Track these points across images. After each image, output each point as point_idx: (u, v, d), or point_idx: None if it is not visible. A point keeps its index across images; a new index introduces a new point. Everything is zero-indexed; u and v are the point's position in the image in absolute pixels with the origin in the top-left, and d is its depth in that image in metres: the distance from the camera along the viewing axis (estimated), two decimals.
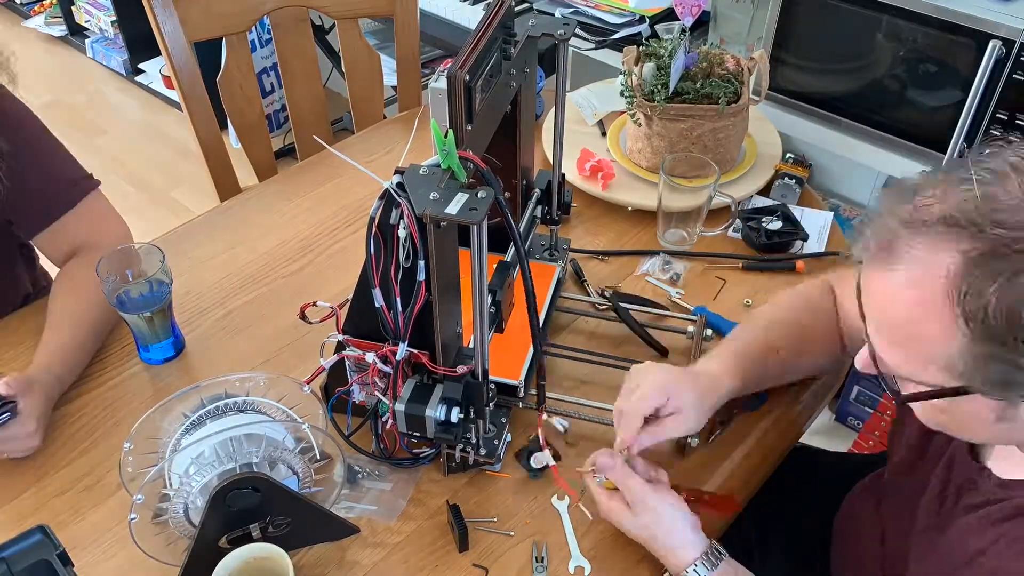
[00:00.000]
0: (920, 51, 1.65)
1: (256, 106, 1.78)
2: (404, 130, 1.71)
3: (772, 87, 1.82)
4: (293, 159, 1.86)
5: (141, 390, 1.18)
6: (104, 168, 3.18)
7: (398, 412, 0.94)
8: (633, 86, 1.44)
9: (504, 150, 1.11)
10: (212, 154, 1.72)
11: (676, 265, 1.36)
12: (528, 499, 1.05)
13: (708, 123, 1.41)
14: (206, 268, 1.37)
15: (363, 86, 1.84)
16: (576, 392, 1.16)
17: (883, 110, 1.76)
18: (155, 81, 3.59)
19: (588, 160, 1.48)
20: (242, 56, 1.70)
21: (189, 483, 0.93)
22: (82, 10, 3.80)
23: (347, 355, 1.00)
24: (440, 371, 0.95)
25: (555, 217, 1.26)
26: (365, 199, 1.50)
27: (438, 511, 1.03)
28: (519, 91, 1.08)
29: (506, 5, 0.97)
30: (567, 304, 1.29)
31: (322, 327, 1.03)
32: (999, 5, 1.57)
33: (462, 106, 0.87)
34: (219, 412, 1.02)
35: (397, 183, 0.86)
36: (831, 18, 1.74)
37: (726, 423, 1.10)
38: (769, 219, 1.40)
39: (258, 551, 0.91)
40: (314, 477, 1.00)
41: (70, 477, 1.07)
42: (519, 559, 0.99)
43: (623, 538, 0.99)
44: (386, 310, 0.93)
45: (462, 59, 0.87)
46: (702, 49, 1.47)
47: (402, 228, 0.87)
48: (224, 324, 1.28)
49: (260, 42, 2.96)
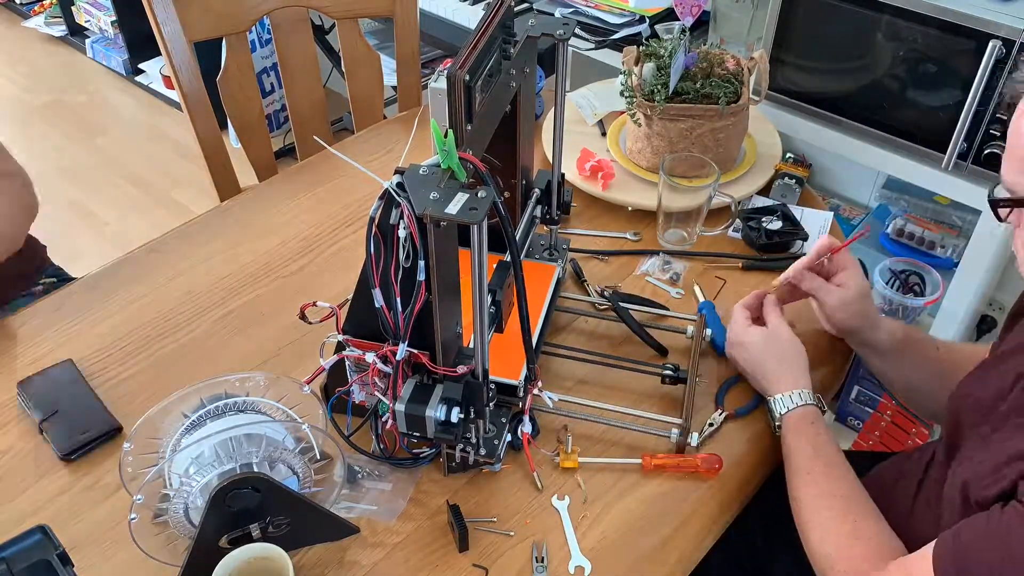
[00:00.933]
0: (920, 51, 1.65)
1: (256, 106, 1.78)
2: (404, 130, 1.71)
3: (772, 87, 1.82)
4: (293, 159, 1.86)
5: (141, 390, 1.18)
6: (104, 168, 3.20)
7: (398, 412, 0.94)
8: (633, 86, 1.44)
9: (504, 150, 1.11)
10: (212, 154, 1.72)
11: (676, 265, 1.36)
12: (528, 499, 1.05)
13: (708, 123, 1.41)
14: (206, 268, 1.37)
15: (363, 86, 1.84)
16: (576, 392, 1.16)
17: (883, 110, 1.76)
18: (155, 81, 3.59)
19: (588, 160, 1.48)
20: (242, 56, 1.70)
21: (189, 483, 0.93)
22: (82, 10, 3.80)
23: (347, 355, 1.00)
24: (440, 371, 0.95)
25: (555, 217, 1.26)
26: (365, 199, 1.50)
27: (438, 511, 1.03)
28: (519, 91, 1.08)
29: (506, 5, 0.97)
30: (567, 304, 1.29)
31: (322, 327, 1.03)
32: (999, 5, 1.56)
33: (462, 106, 0.87)
34: (219, 412, 1.02)
35: (397, 183, 0.86)
36: (831, 18, 1.73)
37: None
38: (769, 219, 1.41)
39: (258, 551, 0.91)
40: (314, 477, 1.00)
41: (70, 477, 1.07)
42: (519, 559, 0.99)
43: (623, 538, 1.00)
44: (386, 310, 0.93)
45: (462, 59, 0.87)
46: (702, 49, 1.47)
47: (402, 228, 0.87)
48: (224, 324, 1.28)
49: (260, 42, 2.96)
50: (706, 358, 1.22)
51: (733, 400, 1.16)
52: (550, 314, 1.23)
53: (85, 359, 1.22)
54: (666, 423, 1.11)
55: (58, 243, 1.85)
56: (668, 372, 1.14)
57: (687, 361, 1.18)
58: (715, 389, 1.17)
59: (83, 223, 2.92)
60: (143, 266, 1.38)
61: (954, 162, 1.69)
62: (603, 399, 1.13)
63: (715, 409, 1.14)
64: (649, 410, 1.13)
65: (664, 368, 1.15)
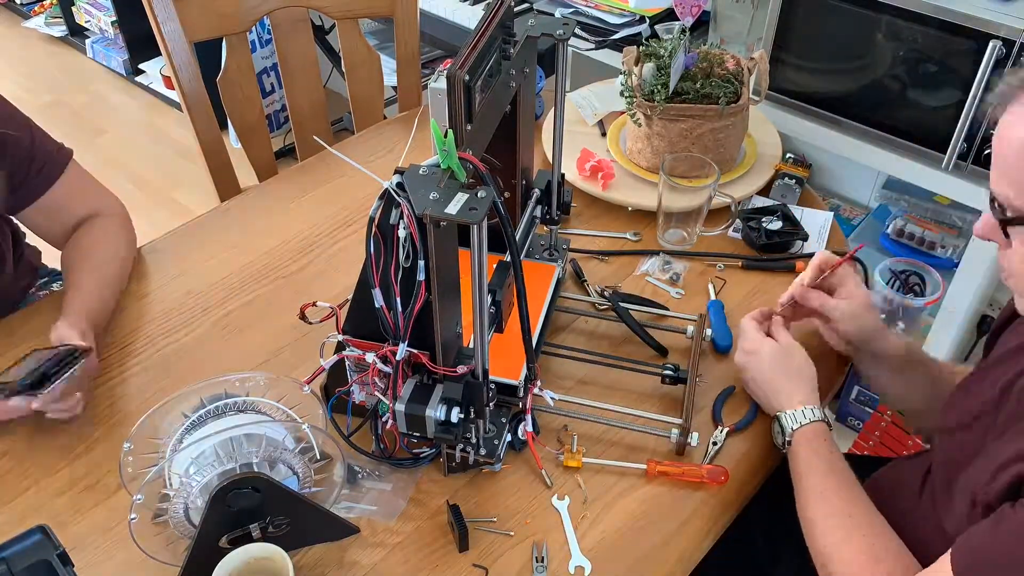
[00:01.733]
0: (920, 51, 1.65)
1: (256, 106, 1.78)
2: (404, 130, 1.71)
3: (772, 87, 1.82)
4: (293, 159, 1.86)
5: (141, 390, 1.18)
6: (104, 168, 3.19)
7: (398, 412, 0.94)
8: (633, 86, 1.44)
9: (504, 150, 1.11)
10: (212, 154, 1.72)
11: (676, 265, 1.36)
12: (528, 499, 1.05)
13: (708, 123, 1.41)
14: (206, 268, 1.37)
15: (363, 86, 1.84)
16: (576, 392, 1.16)
17: (883, 110, 1.76)
18: (155, 81, 3.59)
19: (588, 160, 1.48)
20: (242, 56, 1.70)
21: (189, 483, 0.93)
22: (82, 10, 3.79)
23: (347, 355, 1.00)
24: (440, 371, 0.95)
25: (555, 217, 1.26)
26: (365, 199, 1.50)
27: (438, 511, 1.03)
28: (519, 91, 1.08)
29: (506, 5, 0.97)
30: (567, 304, 1.29)
31: (322, 327, 1.03)
32: (999, 5, 1.56)
33: (462, 106, 0.87)
34: (219, 412, 1.02)
35: (397, 183, 0.86)
36: (831, 18, 1.73)
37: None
38: (769, 219, 1.40)
39: (258, 551, 0.91)
40: (314, 477, 1.00)
41: (70, 477, 1.07)
42: (519, 559, 0.99)
43: (623, 538, 1.00)
44: (386, 310, 0.93)
45: (462, 59, 0.87)
46: (702, 49, 1.47)
47: (402, 228, 0.87)
48: (224, 324, 1.28)
49: (260, 42, 2.96)
50: (706, 358, 1.22)
51: (730, 412, 1.15)
52: (550, 314, 1.23)
53: None
54: (666, 423, 1.11)
55: None
56: (668, 372, 1.14)
57: (687, 361, 1.18)
58: (711, 402, 1.16)
59: None
60: (143, 266, 1.38)
61: (954, 162, 1.69)
62: (603, 399, 1.13)
63: (715, 426, 1.13)
64: (649, 410, 1.13)
65: (664, 368, 1.15)
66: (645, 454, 1.09)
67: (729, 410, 1.15)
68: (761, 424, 1.13)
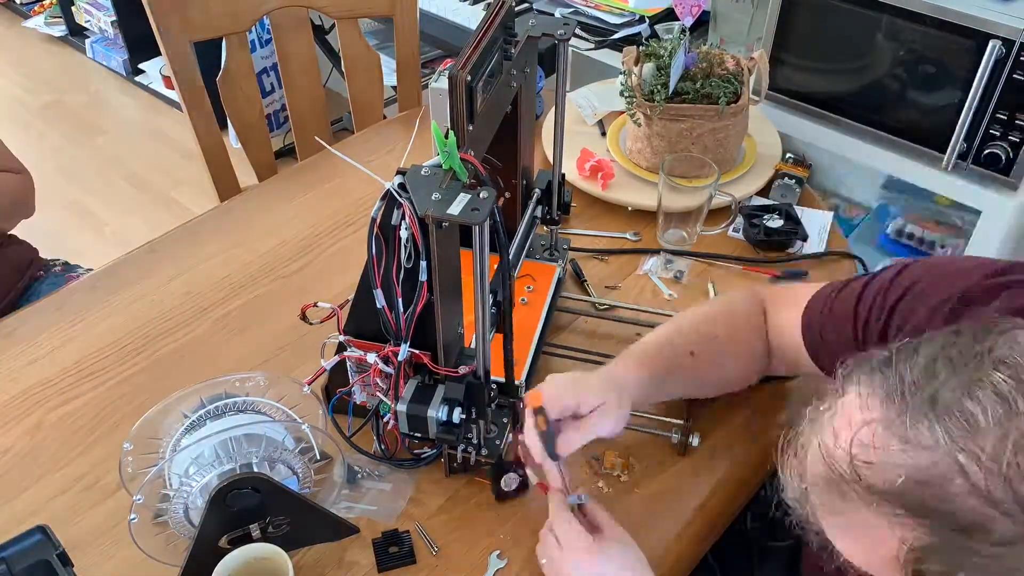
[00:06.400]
0: (920, 51, 1.65)
1: (256, 106, 1.78)
2: (404, 130, 1.71)
3: (772, 87, 1.82)
4: (293, 159, 1.86)
5: (141, 390, 1.18)
6: (104, 168, 3.19)
7: (400, 413, 0.94)
8: (633, 86, 1.44)
9: (504, 150, 1.11)
10: (212, 154, 1.72)
11: (679, 263, 1.36)
12: (528, 498, 1.05)
13: (708, 123, 1.41)
14: (206, 268, 1.37)
15: (363, 86, 1.84)
16: None
17: (883, 110, 1.76)
18: (155, 81, 3.59)
19: (588, 160, 1.48)
20: (242, 56, 1.70)
21: (189, 483, 0.93)
22: (82, 10, 3.79)
23: (348, 356, 1.00)
24: (442, 371, 0.95)
25: (555, 217, 1.26)
26: (365, 199, 1.50)
27: (438, 511, 1.03)
28: (519, 91, 1.08)
29: (506, 5, 0.97)
30: (567, 304, 1.29)
31: (322, 328, 1.03)
32: (999, 5, 1.57)
33: (463, 106, 0.87)
34: (219, 412, 1.02)
35: (399, 183, 0.86)
36: (831, 18, 1.74)
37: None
38: (770, 216, 1.41)
39: (258, 551, 0.91)
40: (314, 477, 1.00)
41: (70, 477, 1.07)
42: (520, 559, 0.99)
43: None
44: (388, 311, 0.93)
45: (463, 59, 0.87)
46: (702, 49, 1.47)
47: (404, 229, 0.87)
48: (224, 324, 1.28)
49: (260, 42, 2.96)
50: None
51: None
52: (550, 314, 1.23)
53: (85, 359, 1.22)
54: (666, 423, 1.11)
55: (58, 243, 1.86)
56: None
57: None
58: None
59: (83, 223, 2.92)
60: (143, 266, 1.38)
61: (954, 162, 1.69)
62: None
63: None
64: (650, 411, 1.12)
65: None
66: (646, 454, 1.09)
67: (728, 410, 1.15)
68: (763, 421, 1.13)
